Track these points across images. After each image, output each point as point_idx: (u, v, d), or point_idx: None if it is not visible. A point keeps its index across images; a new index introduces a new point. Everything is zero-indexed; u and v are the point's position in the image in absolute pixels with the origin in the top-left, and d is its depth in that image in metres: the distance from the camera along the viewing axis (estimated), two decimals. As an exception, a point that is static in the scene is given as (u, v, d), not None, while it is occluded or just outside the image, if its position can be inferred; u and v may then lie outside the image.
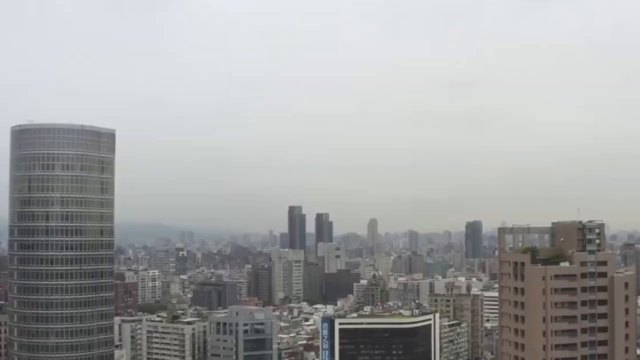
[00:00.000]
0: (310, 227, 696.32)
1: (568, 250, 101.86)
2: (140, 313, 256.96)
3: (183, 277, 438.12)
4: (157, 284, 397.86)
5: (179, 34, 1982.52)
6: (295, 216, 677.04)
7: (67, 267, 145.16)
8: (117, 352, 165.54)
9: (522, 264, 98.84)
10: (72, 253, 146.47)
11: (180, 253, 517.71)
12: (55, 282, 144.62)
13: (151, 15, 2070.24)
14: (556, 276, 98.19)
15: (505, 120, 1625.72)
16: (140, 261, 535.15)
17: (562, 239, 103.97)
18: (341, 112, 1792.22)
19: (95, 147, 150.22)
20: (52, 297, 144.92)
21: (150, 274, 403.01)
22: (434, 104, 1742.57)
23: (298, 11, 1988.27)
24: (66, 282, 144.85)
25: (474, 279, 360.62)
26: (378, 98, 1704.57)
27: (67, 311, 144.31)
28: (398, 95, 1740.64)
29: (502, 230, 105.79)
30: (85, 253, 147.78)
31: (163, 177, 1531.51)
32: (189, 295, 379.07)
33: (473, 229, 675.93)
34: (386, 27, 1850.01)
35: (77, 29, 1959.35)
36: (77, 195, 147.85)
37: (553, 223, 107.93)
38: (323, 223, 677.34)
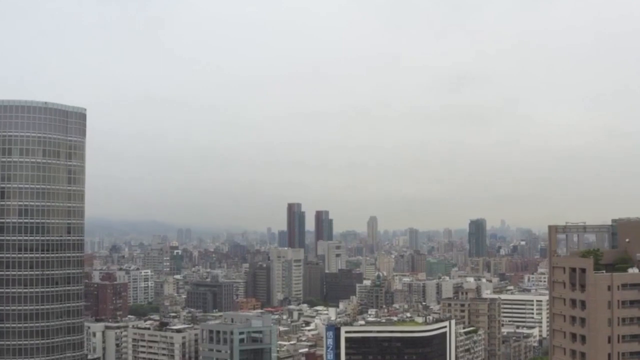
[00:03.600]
0: (310, 225, 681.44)
1: (635, 253, 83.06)
2: (128, 318, 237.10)
3: (177, 276, 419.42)
4: (149, 284, 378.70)
5: (179, 31, 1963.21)
6: (294, 214, 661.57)
7: (26, 272, 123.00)
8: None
9: (583, 270, 79.66)
10: (32, 255, 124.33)
11: (175, 252, 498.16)
12: (13, 290, 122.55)
13: (151, 12, 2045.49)
14: (623, 286, 79.19)
15: (506, 118, 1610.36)
16: (135, 260, 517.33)
17: (627, 240, 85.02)
18: (341, 109, 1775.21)
19: (61, 129, 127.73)
20: (9, 307, 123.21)
21: (143, 273, 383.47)
22: (435, 102, 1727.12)
23: (299, 10, 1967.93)
24: (26, 290, 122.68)
25: (484, 280, 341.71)
26: (378, 96, 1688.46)
27: (28, 325, 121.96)
28: (398, 93, 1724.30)
29: (554, 229, 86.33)
30: (49, 255, 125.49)
31: (162, 174, 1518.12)
32: (183, 296, 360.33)
33: (477, 226, 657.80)
34: (387, 25, 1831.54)
35: (74, 24, 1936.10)
36: (39, 186, 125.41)
37: (614, 220, 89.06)
38: (323, 221, 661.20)
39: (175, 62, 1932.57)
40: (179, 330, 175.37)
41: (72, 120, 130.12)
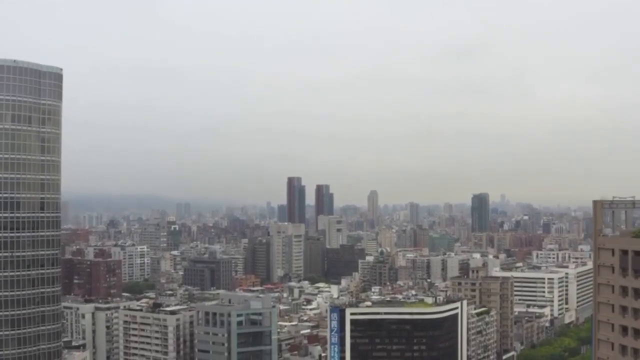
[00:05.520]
0: (310, 199, 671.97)
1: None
2: (121, 297, 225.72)
3: (174, 252, 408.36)
4: (145, 261, 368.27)
5: (178, 1, 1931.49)
6: (294, 188, 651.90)
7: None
8: (78, 354, 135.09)
9: (637, 253, 67.90)
10: (1, 234, 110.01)
11: (172, 227, 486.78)
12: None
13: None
14: (683, 271, 67.48)
15: (509, 92, 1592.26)
16: (132, 235, 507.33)
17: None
18: (342, 81, 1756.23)
19: (33, 91, 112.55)
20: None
21: (139, 249, 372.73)
22: (437, 74, 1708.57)
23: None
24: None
25: (490, 257, 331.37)
26: (380, 68, 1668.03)
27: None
28: (400, 65, 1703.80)
29: (599, 205, 74.20)
30: (20, 234, 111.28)
31: (162, 147, 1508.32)
32: (181, 273, 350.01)
33: (479, 201, 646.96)
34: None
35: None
36: (7, 155, 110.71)
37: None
38: (323, 195, 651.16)
39: (174, 31, 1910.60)
40: (172, 312, 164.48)
41: (46, 82, 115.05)
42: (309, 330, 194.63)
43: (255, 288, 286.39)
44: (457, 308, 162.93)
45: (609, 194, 76.88)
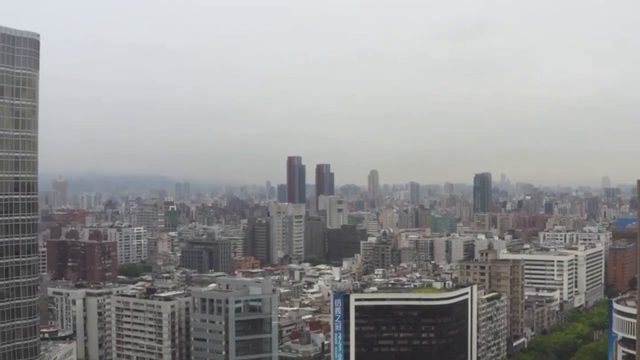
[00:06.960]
0: (310, 178, 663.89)
1: None
2: (112, 283, 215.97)
3: (172, 233, 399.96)
4: (142, 242, 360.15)
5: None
6: (294, 167, 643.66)
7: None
8: (63, 346, 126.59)
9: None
10: None
11: (171, 207, 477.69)
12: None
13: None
14: None
15: (510, 70, 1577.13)
16: (130, 216, 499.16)
17: None
18: (342, 58, 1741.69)
19: (6, 59, 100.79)
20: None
21: (135, 230, 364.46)
22: (439, 52, 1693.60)
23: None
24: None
25: (496, 238, 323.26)
26: (382, 45, 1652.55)
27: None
28: (402, 43, 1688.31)
29: (646, 185, 65.05)
30: None
31: (161, 127, 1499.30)
32: (178, 255, 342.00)
33: (482, 180, 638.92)
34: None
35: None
36: None
37: None
38: (324, 175, 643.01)
39: (174, 9, 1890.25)
40: (167, 299, 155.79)
41: (21, 49, 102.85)
42: (310, 316, 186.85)
43: (254, 270, 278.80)
44: (467, 293, 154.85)
45: (610, 174, 67.89)
